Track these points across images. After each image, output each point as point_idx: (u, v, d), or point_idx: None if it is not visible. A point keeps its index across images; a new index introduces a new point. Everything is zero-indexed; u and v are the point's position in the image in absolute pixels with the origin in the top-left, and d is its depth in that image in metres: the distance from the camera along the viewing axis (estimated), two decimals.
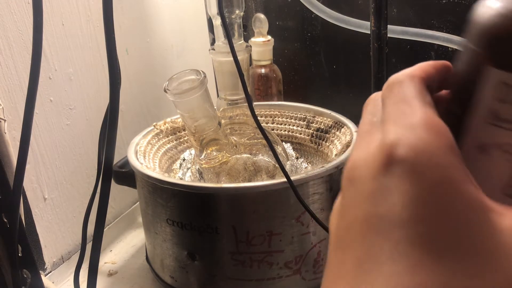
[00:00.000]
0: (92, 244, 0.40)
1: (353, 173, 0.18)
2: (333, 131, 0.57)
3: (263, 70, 0.79)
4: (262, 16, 0.77)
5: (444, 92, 0.23)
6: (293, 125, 0.62)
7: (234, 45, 0.42)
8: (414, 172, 0.16)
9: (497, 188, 0.20)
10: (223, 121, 0.52)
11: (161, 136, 0.58)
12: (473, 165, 0.20)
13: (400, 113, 0.18)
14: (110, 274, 0.56)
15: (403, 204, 0.16)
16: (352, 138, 0.51)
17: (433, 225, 0.16)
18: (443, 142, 0.17)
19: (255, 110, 0.43)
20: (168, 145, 0.58)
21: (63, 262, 0.57)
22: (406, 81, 0.20)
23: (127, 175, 0.53)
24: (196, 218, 0.44)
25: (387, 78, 0.67)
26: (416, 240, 0.16)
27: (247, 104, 0.48)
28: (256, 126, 0.43)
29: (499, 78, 0.19)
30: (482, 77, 0.20)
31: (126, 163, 0.53)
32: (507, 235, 0.16)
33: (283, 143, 0.59)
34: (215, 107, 0.51)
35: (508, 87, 0.19)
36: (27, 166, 0.42)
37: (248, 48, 0.51)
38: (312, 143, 0.60)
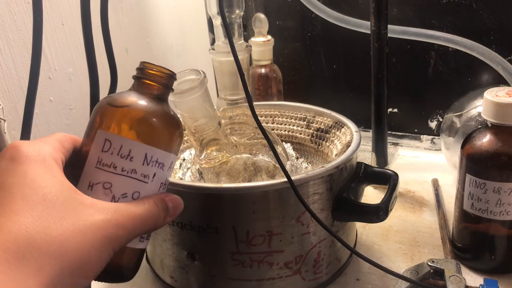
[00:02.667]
0: None
1: None
2: (333, 131, 0.57)
3: (263, 70, 0.79)
4: (262, 16, 0.77)
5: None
6: (293, 125, 0.62)
7: (234, 45, 0.42)
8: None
9: None
10: (223, 121, 0.52)
11: None
12: None
13: (48, 136, 0.33)
14: None
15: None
16: (352, 138, 0.51)
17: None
18: (47, 151, 0.30)
19: (255, 110, 0.43)
20: None
21: None
22: (58, 134, 0.34)
23: None
24: (196, 218, 0.44)
25: (387, 78, 0.68)
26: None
27: (247, 104, 0.48)
28: (256, 126, 0.43)
29: (104, 136, 0.32)
30: (95, 137, 0.32)
31: None
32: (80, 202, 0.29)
33: (283, 143, 0.59)
34: (215, 107, 0.51)
35: (108, 141, 0.32)
36: None
37: (248, 48, 0.51)
38: (312, 143, 0.60)
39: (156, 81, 0.35)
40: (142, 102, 0.34)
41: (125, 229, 0.30)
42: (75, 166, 0.33)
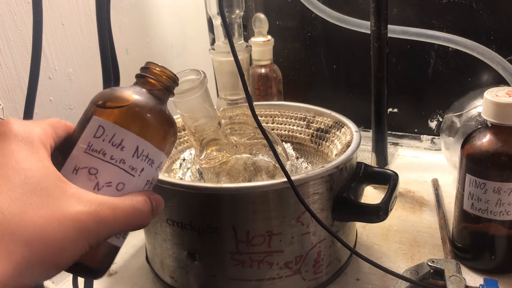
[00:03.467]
0: None
1: None
2: (333, 131, 0.57)
3: (263, 70, 0.79)
4: (262, 16, 0.77)
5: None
6: (293, 125, 0.62)
7: (234, 45, 0.42)
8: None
9: None
10: (223, 121, 0.52)
11: None
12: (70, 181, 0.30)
13: (44, 119, 0.32)
14: (110, 274, 0.56)
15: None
16: (352, 138, 0.51)
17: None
18: (41, 132, 0.30)
19: (255, 110, 0.43)
20: None
21: None
22: (53, 119, 0.33)
23: None
24: (196, 218, 0.44)
25: (387, 78, 0.68)
26: None
27: (247, 104, 0.48)
28: (256, 126, 0.43)
29: (98, 122, 0.32)
30: (89, 122, 0.32)
31: None
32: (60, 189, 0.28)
33: (283, 143, 0.59)
34: (215, 107, 0.51)
35: (102, 128, 0.32)
36: None
37: (248, 48, 0.51)
38: (312, 143, 0.60)
39: (158, 81, 0.36)
40: (141, 97, 0.34)
41: (106, 224, 0.29)
42: (64, 152, 0.32)
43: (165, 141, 0.35)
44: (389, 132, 0.79)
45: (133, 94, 0.34)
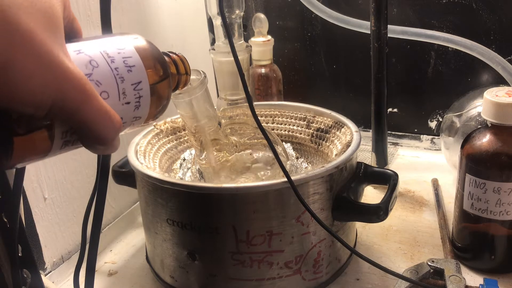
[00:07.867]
0: (90, 242, 0.40)
1: None
2: (333, 131, 0.57)
3: (263, 70, 0.79)
4: (262, 16, 0.77)
5: None
6: (293, 125, 0.62)
7: (234, 45, 0.42)
8: None
9: None
10: (223, 121, 0.52)
11: (161, 136, 0.58)
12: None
13: None
14: (110, 274, 0.56)
15: None
16: (352, 138, 0.51)
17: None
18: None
19: (255, 110, 0.43)
20: (168, 145, 0.59)
21: (63, 262, 0.57)
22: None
23: (127, 175, 0.53)
24: (196, 218, 0.44)
25: (387, 78, 0.68)
26: None
27: (247, 104, 0.48)
28: (257, 126, 0.43)
29: (121, 40, 0.32)
30: (114, 36, 0.33)
31: (126, 163, 0.53)
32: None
33: (283, 143, 0.59)
34: (215, 107, 0.51)
35: (123, 44, 0.32)
36: (27, 166, 0.42)
37: (248, 48, 0.51)
38: (312, 143, 0.60)
39: (177, 66, 0.37)
40: (165, 57, 0.35)
41: (81, 100, 0.25)
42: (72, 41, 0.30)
43: (159, 100, 0.34)
44: (389, 132, 0.79)
45: (159, 50, 0.35)
